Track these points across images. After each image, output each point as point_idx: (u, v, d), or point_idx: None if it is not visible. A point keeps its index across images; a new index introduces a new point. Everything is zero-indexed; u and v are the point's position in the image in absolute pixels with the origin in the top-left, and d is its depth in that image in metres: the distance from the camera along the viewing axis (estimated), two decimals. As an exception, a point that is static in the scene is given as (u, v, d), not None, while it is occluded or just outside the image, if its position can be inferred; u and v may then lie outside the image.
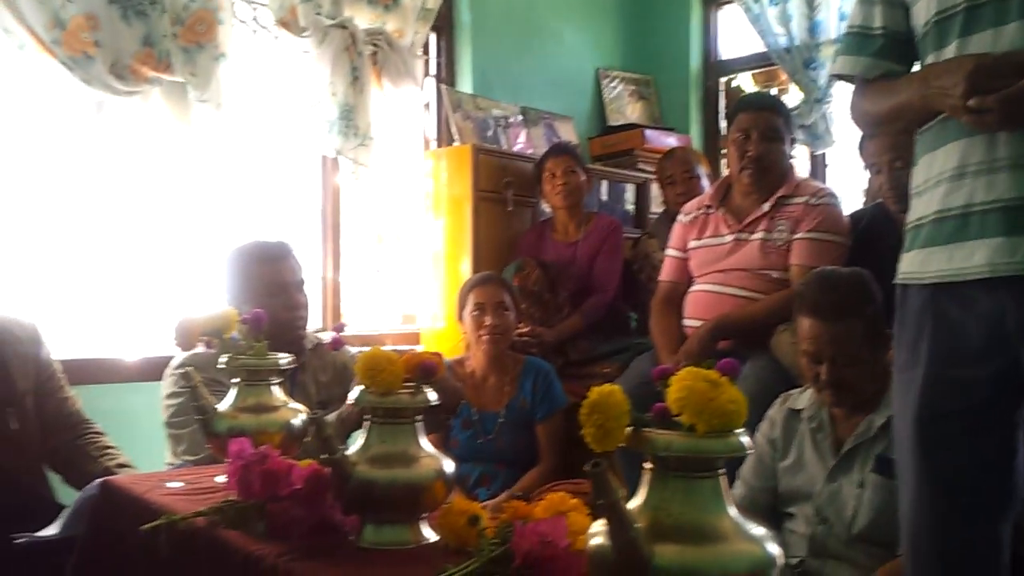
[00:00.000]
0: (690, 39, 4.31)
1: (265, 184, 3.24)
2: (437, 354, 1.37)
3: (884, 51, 1.49)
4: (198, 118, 2.78)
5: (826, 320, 1.83)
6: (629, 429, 0.81)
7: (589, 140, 4.08)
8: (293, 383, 2.09)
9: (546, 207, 3.34)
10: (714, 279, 2.54)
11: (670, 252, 2.71)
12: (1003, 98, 1.23)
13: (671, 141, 3.91)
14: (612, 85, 4.27)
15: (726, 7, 4.32)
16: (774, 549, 0.80)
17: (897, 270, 1.46)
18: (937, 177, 1.38)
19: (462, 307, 2.68)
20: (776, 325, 2.34)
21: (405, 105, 3.36)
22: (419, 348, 3.27)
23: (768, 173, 2.52)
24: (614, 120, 4.18)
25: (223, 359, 1.65)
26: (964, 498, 1.37)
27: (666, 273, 2.70)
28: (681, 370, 0.85)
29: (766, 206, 2.51)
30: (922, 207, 1.42)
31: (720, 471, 0.84)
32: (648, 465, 0.84)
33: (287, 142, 3.29)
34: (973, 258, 1.32)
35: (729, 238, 2.55)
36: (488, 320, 2.58)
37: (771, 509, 1.93)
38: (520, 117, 3.80)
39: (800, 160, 3.73)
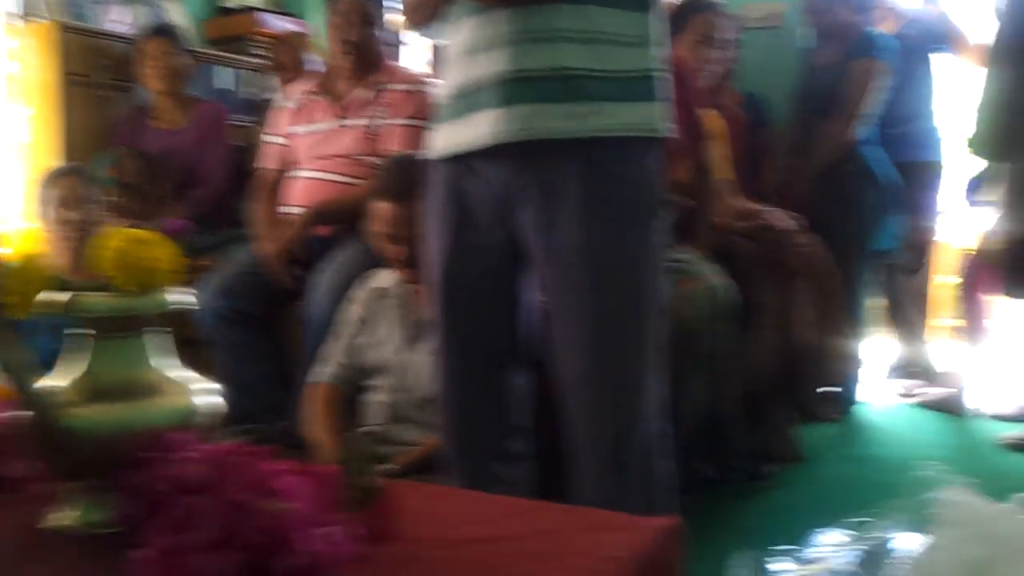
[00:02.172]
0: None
1: None
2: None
3: None
4: None
5: (396, 201, 1.91)
6: (62, 295, 0.79)
7: (203, 22, 3.83)
8: None
9: (146, 93, 3.11)
10: (317, 166, 2.54)
11: (271, 139, 2.66)
12: None
13: (287, 26, 3.77)
14: (227, -38, 4.01)
15: None
16: (205, 400, 0.84)
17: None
18: (454, 54, 1.48)
19: (42, 204, 2.44)
20: (373, 209, 2.39)
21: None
22: (5, 250, 2.94)
23: (365, 58, 2.52)
24: (230, 2, 3.94)
25: None
26: (479, 352, 1.54)
27: (267, 160, 2.65)
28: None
29: (367, 92, 2.52)
30: (444, 84, 1.52)
31: (152, 329, 0.85)
32: (88, 331, 0.83)
33: None
34: (479, 129, 1.42)
35: (330, 124, 2.54)
36: (68, 216, 2.38)
37: (358, 384, 2.02)
38: (120, -7, 3.46)
39: (421, 48, 3.79)
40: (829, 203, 3.08)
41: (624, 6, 1.43)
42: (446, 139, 1.50)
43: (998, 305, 3.32)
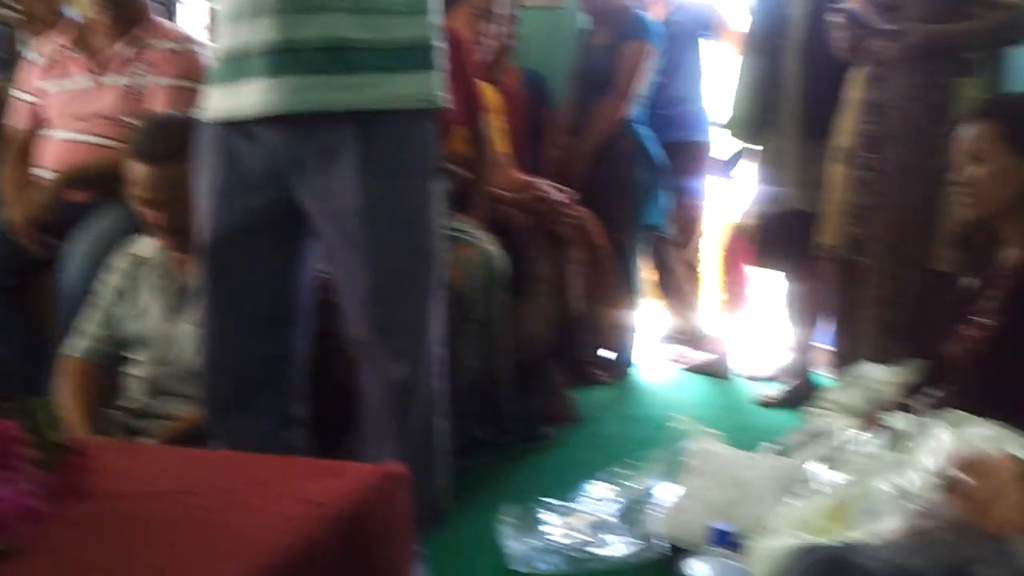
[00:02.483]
0: None
1: None
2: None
3: None
4: None
5: (155, 163, 1.81)
6: None
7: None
8: None
9: None
10: (72, 126, 2.37)
11: (20, 95, 2.44)
12: None
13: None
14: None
15: None
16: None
17: None
18: (224, 16, 1.45)
19: None
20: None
21: None
22: None
23: (125, 11, 2.37)
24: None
25: None
26: (251, 314, 1.53)
27: (15, 118, 2.44)
28: None
29: (127, 49, 2.37)
30: (216, 44, 1.49)
31: None
32: None
33: None
34: (250, 97, 1.40)
35: (87, 82, 2.38)
36: None
37: (116, 357, 1.91)
38: None
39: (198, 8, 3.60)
40: (605, 179, 3.22)
41: None
42: (218, 103, 1.47)
43: (756, 276, 3.62)
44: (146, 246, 1.95)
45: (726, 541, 1.16)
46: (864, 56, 2.44)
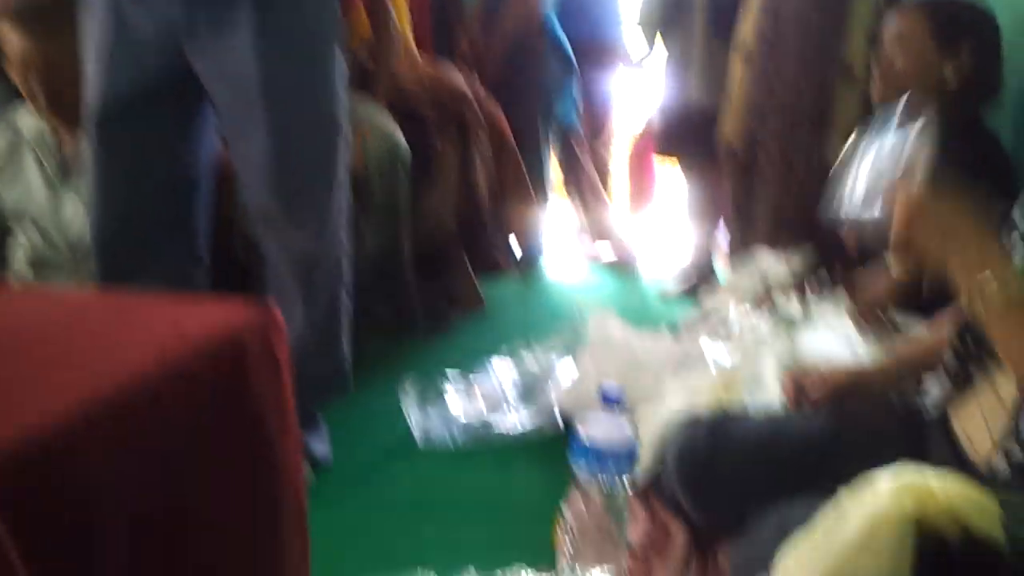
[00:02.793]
0: None
1: None
2: None
3: None
4: None
5: (33, 29, 1.70)
6: None
7: None
8: None
9: None
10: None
11: None
12: None
13: None
14: None
15: None
16: None
17: None
18: None
19: None
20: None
21: None
22: None
23: None
24: None
25: None
26: (142, 183, 1.48)
27: None
28: None
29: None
30: None
31: None
32: None
33: None
34: None
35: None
36: None
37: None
38: None
39: None
40: (517, 74, 3.18)
41: None
42: None
43: (663, 174, 3.67)
44: (26, 118, 1.86)
45: (614, 401, 1.20)
46: None
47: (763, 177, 2.53)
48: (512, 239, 3.15)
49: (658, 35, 3.03)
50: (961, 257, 0.87)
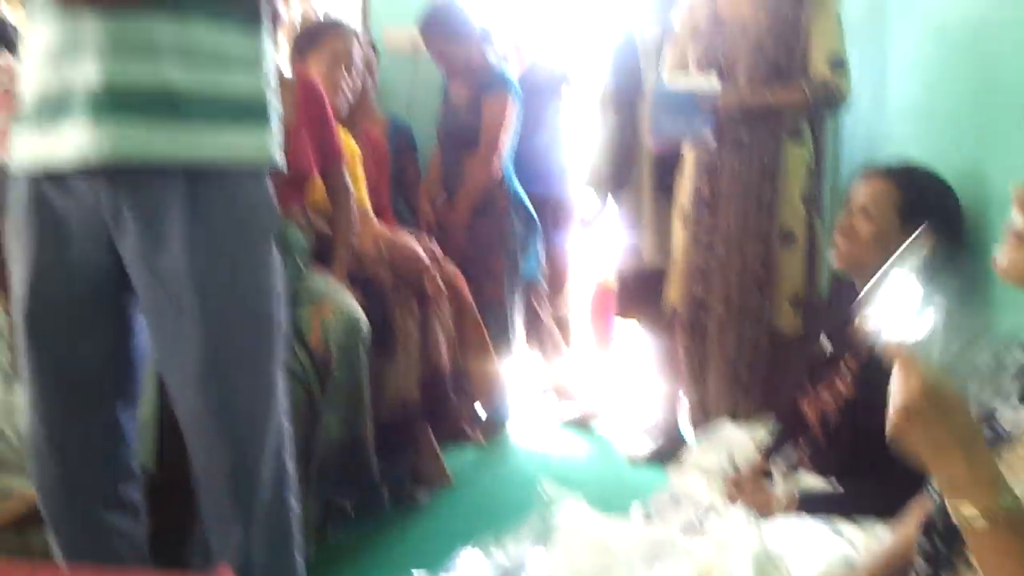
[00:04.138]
0: None
1: None
2: None
3: None
4: None
5: None
6: None
7: None
8: None
9: None
10: None
11: None
12: None
13: None
14: None
15: None
16: None
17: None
18: (39, 54, 1.35)
19: None
20: None
21: None
22: None
23: None
24: None
25: None
26: (76, 388, 1.42)
27: None
28: None
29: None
30: (28, 85, 1.38)
31: None
32: None
33: None
34: (68, 145, 1.31)
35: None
36: None
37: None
38: None
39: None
40: (482, 234, 3.30)
41: (232, 19, 1.37)
42: (29, 150, 1.36)
43: (625, 329, 3.74)
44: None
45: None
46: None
47: (714, 342, 2.59)
48: (476, 404, 3.17)
49: (609, 193, 3.12)
50: (948, 474, 0.88)
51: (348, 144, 2.72)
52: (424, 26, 3.35)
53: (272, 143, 1.44)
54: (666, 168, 2.80)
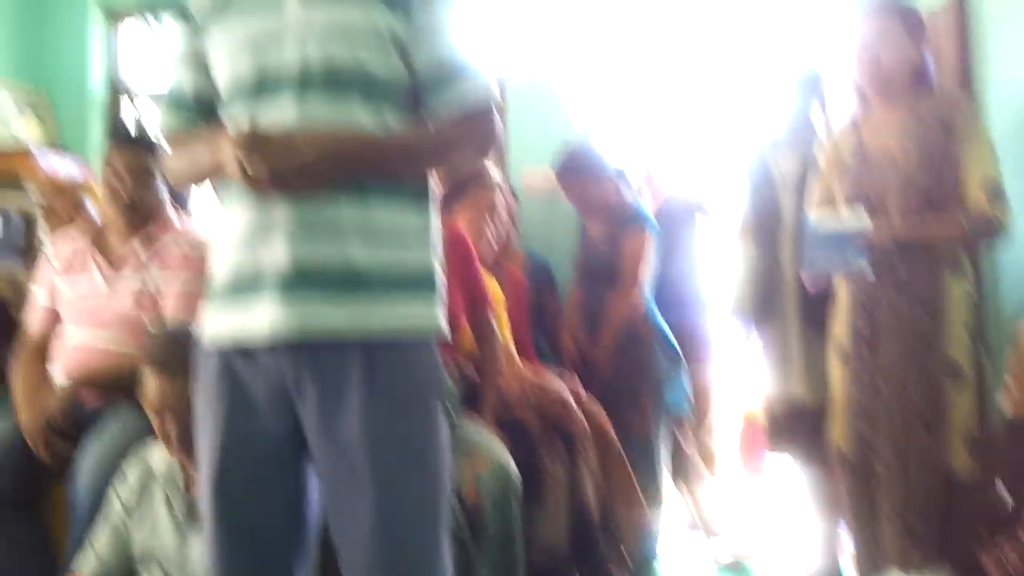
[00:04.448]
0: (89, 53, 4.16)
1: None
2: None
3: (191, 112, 1.56)
4: None
5: (166, 373, 1.88)
6: None
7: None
8: None
9: None
10: (87, 329, 2.44)
11: (38, 293, 2.55)
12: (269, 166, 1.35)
13: (68, 167, 3.70)
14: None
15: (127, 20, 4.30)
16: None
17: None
18: (229, 234, 1.47)
19: None
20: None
21: None
22: None
23: (140, 209, 2.51)
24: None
25: None
26: (258, 547, 1.49)
27: (31, 320, 2.55)
28: None
29: (139, 247, 2.48)
30: (217, 263, 1.50)
31: None
32: None
33: None
34: (256, 321, 1.41)
35: (101, 283, 2.46)
36: None
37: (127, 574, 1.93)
38: None
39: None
40: (627, 369, 3.30)
41: (407, 197, 1.48)
42: (221, 325, 1.47)
43: (777, 464, 3.61)
44: (158, 455, 1.99)
45: None
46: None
47: (882, 486, 2.46)
48: (624, 544, 3.11)
49: (753, 323, 3.07)
50: None
51: (493, 289, 2.80)
52: (561, 170, 3.47)
53: (440, 312, 1.52)
54: (815, 302, 2.74)
